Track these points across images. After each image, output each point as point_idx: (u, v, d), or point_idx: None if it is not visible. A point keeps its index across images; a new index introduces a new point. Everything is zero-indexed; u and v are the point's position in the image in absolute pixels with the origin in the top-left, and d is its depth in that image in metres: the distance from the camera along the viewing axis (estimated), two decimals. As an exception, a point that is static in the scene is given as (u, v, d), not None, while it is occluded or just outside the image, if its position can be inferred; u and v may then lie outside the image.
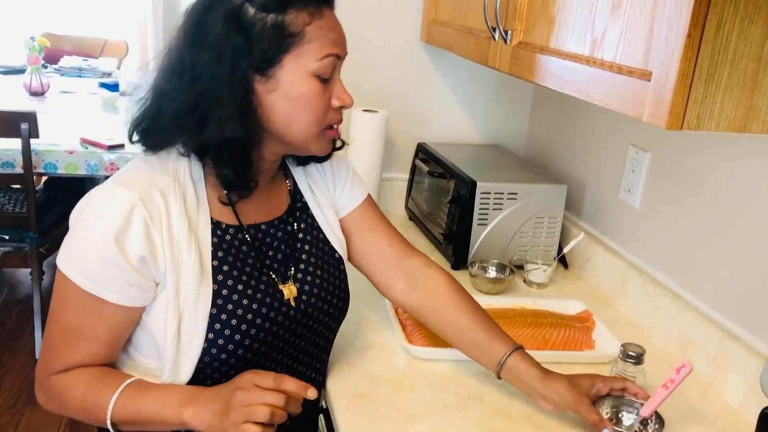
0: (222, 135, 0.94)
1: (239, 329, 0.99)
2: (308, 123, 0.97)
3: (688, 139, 1.41)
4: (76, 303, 0.96)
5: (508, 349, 1.13)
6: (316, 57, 0.94)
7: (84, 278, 0.94)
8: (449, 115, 2.06)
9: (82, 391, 0.97)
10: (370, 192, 1.41)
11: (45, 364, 1.00)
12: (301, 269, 1.09)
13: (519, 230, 1.69)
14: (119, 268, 0.92)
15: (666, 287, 1.44)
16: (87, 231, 0.94)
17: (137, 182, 0.95)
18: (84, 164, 2.71)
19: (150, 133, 1.00)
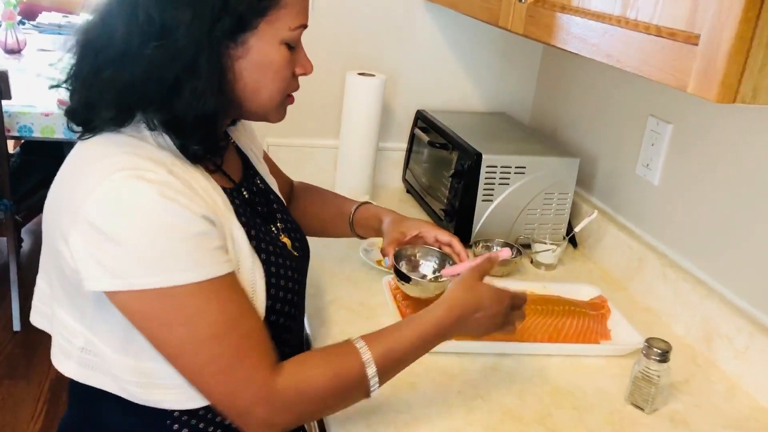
0: (197, 110, 0.83)
1: (286, 288, 0.94)
2: (274, 92, 0.92)
3: (715, 110, 1.28)
4: (203, 300, 0.79)
5: (355, 205, 1.26)
6: (290, 25, 0.89)
7: (190, 271, 0.78)
8: (451, 80, 1.92)
9: (331, 370, 0.85)
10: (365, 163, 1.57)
11: (249, 380, 0.81)
12: (281, 219, 1.06)
13: (526, 207, 1.56)
14: (205, 235, 0.80)
15: (687, 272, 1.33)
16: (148, 225, 0.77)
17: (144, 164, 0.79)
18: (62, 127, 2.56)
19: (104, 105, 0.82)
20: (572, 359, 1.19)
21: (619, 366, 1.18)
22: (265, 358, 0.83)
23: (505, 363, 1.16)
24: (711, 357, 1.24)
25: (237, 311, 0.82)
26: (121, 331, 0.83)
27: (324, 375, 0.85)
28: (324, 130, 1.87)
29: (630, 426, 1.04)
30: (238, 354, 0.81)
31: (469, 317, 0.98)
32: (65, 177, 0.85)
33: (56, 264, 0.85)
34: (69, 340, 0.88)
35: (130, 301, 0.79)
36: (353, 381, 0.87)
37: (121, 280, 0.77)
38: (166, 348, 0.81)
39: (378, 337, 0.91)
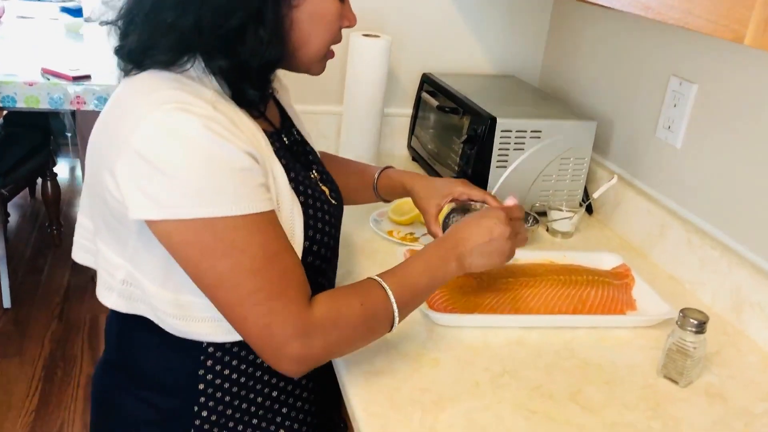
0: (263, 57, 0.85)
1: (324, 231, 0.95)
2: (323, 43, 0.93)
3: (746, 68, 1.21)
4: (246, 234, 0.80)
5: (376, 171, 1.25)
6: None
7: (234, 204, 0.79)
8: (457, 41, 1.83)
9: (358, 299, 0.88)
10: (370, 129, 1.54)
11: (287, 313, 0.82)
12: (317, 170, 1.06)
13: (542, 173, 1.50)
14: (250, 170, 0.81)
15: (715, 238, 1.27)
16: (194, 155, 0.78)
17: (189, 99, 0.80)
18: (46, 97, 2.46)
19: (162, 48, 0.83)
20: (599, 331, 1.14)
21: (648, 337, 1.13)
22: (303, 293, 0.84)
23: (530, 336, 1.11)
24: (740, 327, 1.19)
25: (276, 247, 0.83)
26: (161, 263, 0.84)
27: (353, 304, 0.88)
28: (327, 95, 1.79)
29: (666, 400, 0.99)
30: (276, 288, 0.82)
31: (469, 242, 0.99)
32: (112, 111, 0.86)
33: (101, 197, 0.85)
34: (111, 273, 0.90)
35: (173, 232, 0.80)
36: (380, 312, 0.90)
37: (166, 210, 0.78)
38: (205, 280, 0.81)
39: (390, 273, 0.94)
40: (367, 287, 0.91)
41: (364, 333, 0.91)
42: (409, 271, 0.95)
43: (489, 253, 0.99)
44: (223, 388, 0.93)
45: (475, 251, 0.98)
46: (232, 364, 0.92)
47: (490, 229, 0.99)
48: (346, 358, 1.01)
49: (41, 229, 3.44)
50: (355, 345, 0.92)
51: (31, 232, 3.43)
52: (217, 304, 0.83)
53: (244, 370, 0.93)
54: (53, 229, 3.25)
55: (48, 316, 2.79)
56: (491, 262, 1.01)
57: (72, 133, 3.93)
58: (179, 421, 0.93)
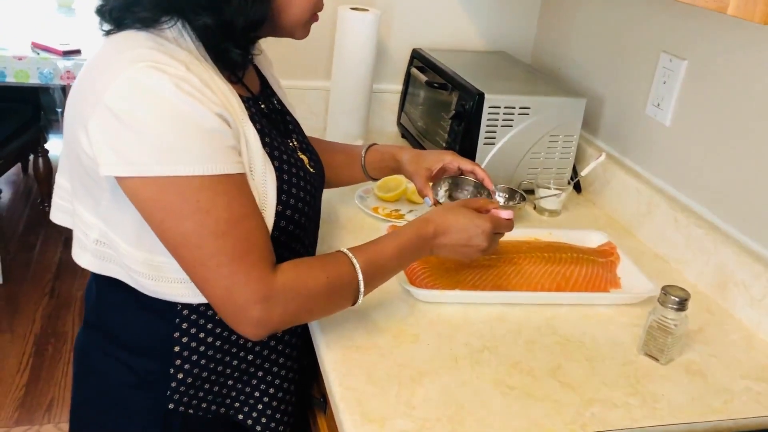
0: (248, 15, 0.86)
1: (298, 197, 0.95)
2: (305, 7, 0.93)
3: (735, 44, 1.20)
4: (212, 194, 0.80)
5: (363, 148, 1.25)
6: None
7: (201, 164, 0.79)
8: (447, 16, 1.81)
9: (324, 273, 0.89)
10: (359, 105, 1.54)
11: (248, 277, 0.82)
12: (298, 139, 1.06)
13: (530, 150, 1.49)
14: (219, 132, 0.82)
15: (701, 216, 1.26)
16: (164, 114, 0.78)
17: (163, 59, 0.80)
18: (36, 72, 2.44)
19: (144, 6, 0.84)
20: (581, 308, 1.13)
21: (630, 315, 1.13)
22: (265, 258, 0.84)
23: (511, 313, 1.10)
24: (725, 305, 1.18)
25: (242, 211, 0.83)
26: (134, 223, 0.85)
27: (318, 275, 0.88)
28: (314, 70, 1.77)
29: (645, 377, 0.99)
30: (239, 251, 0.82)
31: (446, 237, 1.00)
32: (88, 70, 0.86)
33: (77, 155, 0.85)
34: (85, 233, 0.90)
35: (140, 188, 0.80)
36: (344, 283, 0.91)
37: (134, 166, 0.78)
38: (170, 239, 0.82)
39: (362, 248, 0.95)
40: (336, 260, 0.92)
41: (326, 304, 0.92)
42: (381, 249, 0.96)
43: (459, 253, 1.03)
44: (199, 351, 0.93)
45: (447, 248, 1.01)
46: (207, 327, 0.93)
47: (470, 236, 1.01)
48: (326, 332, 1.00)
49: (33, 205, 3.43)
50: (316, 315, 0.94)
51: (23, 209, 3.42)
52: (181, 263, 0.83)
53: (219, 333, 0.93)
54: (45, 205, 3.24)
55: (39, 293, 2.79)
56: (455, 258, 1.08)
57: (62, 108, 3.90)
58: (156, 384, 0.93)
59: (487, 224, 1.01)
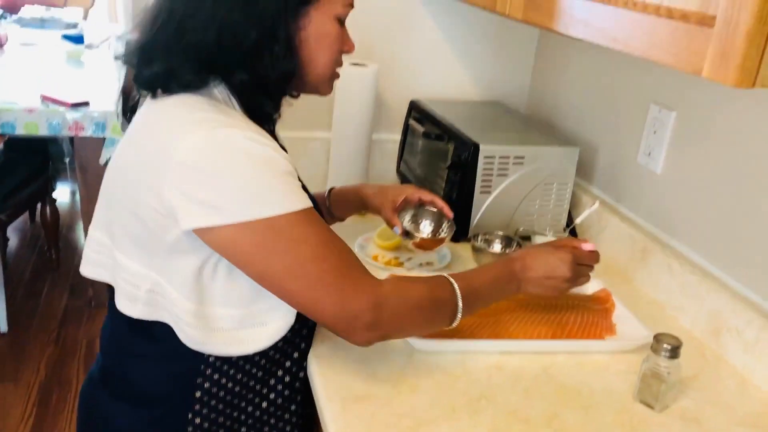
0: (279, 70, 0.93)
1: None
2: (327, 62, 1.00)
3: (721, 96, 1.24)
4: (304, 226, 0.88)
5: (326, 192, 1.33)
6: (344, 2, 0.99)
7: (288, 203, 0.86)
8: (444, 68, 1.87)
9: (426, 286, 0.96)
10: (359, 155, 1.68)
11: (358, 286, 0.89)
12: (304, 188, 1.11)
13: (525, 198, 1.52)
14: (293, 174, 0.90)
15: (694, 264, 1.29)
16: (244, 164, 0.84)
17: (226, 119, 0.87)
18: (45, 124, 2.50)
19: (186, 70, 0.90)
20: (577, 356, 1.15)
21: (626, 362, 1.14)
22: (365, 270, 0.92)
23: (509, 361, 1.12)
24: (719, 351, 1.20)
25: (330, 236, 0.91)
26: (190, 274, 0.90)
27: (420, 288, 0.96)
28: (316, 122, 1.82)
29: (640, 426, 1.00)
30: (342, 268, 0.89)
31: (532, 271, 1.07)
32: (144, 131, 0.92)
33: (131, 212, 0.90)
34: (136, 284, 0.94)
35: (234, 235, 0.84)
36: (444, 299, 0.98)
37: (226, 215, 0.83)
38: (273, 277, 0.87)
39: (460, 274, 1.03)
40: (437, 280, 0.99)
41: (428, 316, 0.98)
42: (478, 276, 1.04)
43: (545, 287, 1.09)
44: (219, 396, 0.97)
45: (534, 281, 1.08)
46: (230, 373, 0.98)
47: (554, 267, 1.08)
48: (325, 383, 1.02)
49: (40, 253, 3.46)
50: (420, 326, 1.00)
51: (30, 256, 3.45)
52: (288, 296, 0.89)
53: (240, 380, 0.99)
54: (52, 253, 3.27)
55: (45, 340, 2.80)
56: (543, 293, 1.10)
57: (70, 158, 3.97)
58: (172, 428, 0.96)
59: (567, 255, 1.08)
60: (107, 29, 3.92)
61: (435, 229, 1.35)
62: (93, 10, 4.35)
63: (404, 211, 1.32)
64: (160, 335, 0.94)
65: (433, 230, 1.35)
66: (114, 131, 2.47)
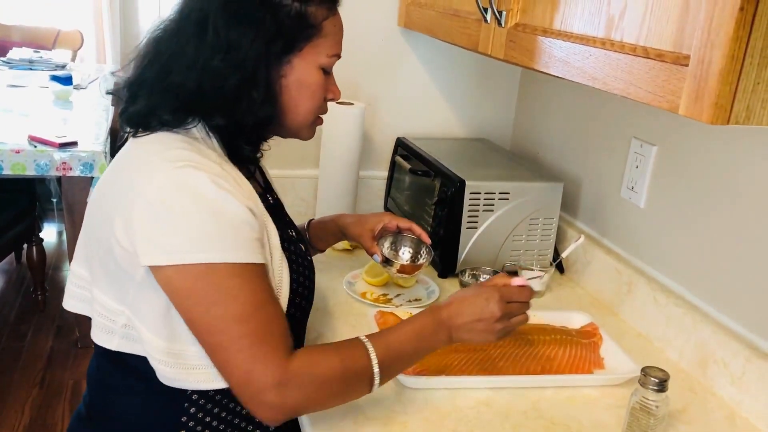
0: (257, 115, 0.95)
1: (305, 285, 1.04)
2: (308, 110, 1.02)
3: (700, 130, 1.27)
4: (240, 282, 0.87)
5: (305, 224, 1.36)
6: (328, 53, 1.00)
7: (233, 252, 0.87)
8: (429, 106, 1.90)
9: (338, 357, 0.92)
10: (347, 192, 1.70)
11: (267, 362, 0.87)
12: (295, 230, 1.15)
13: (512, 233, 1.54)
14: (249, 225, 0.90)
15: (679, 296, 1.30)
16: (201, 207, 0.86)
17: (198, 158, 0.90)
18: (33, 164, 2.50)
19: (166, 109, 0.94)
20: (566, 390, 1.15)
21: (615, 396, 1.14)
22: (285, 344, 0.89)
23: (498, 398, 1.12)
24: (707, 383, 1.20)
25: (264, 298, 0.90)
26: (160, 312, 0.90)
27: (333, 362, 0.91)
28: (303, 160, 1.83)
29: (630, 460, 1.00)
30: (261, 336, 0.87)
31: (460, 317, 1.02)
32: (122, 166, 0.95)
33: (105, 247, 0.91)
34: (111, 319, 0.95)
35: (175, 277, 0.86)
36: (359, 371, 0.93)
37: (171, 255, 0.85)
38: (198, 324, 0.87)
39: (379, 334, 0.99)
40: (350, 346, 0.95)
41: (341, 389, 0.94)
42: (397, 335, 0.99)
43: (477, 330, 1.03)
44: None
45: (464, 327, 1.02)
46: (214, 411, 0.97)
47: (482, 309, 1.02)
48: (313, 422, 1.01)
49: (26, 294, 3.43)
50: (332, 401, 0.95)
51: (15, 298, 3.41)
52: (206, 347, 0.88)
53: (224, 418, 0.98)
54: (38, 294, 3.24)
55: (29, 383, 2.76)
56: (479, 339, 1.04)
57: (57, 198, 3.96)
58: None
59: (494, 294, 1.03)
60: (95, 70, 3.95)
61: (414, 255, 1.37)
62: (81, 51, 4.39)
63: (383, 238, 1.33)
64: (144, 370, 0.94)
65: (412, 256, 1.37)
66: (102, 171, 2.47)
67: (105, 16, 4.34)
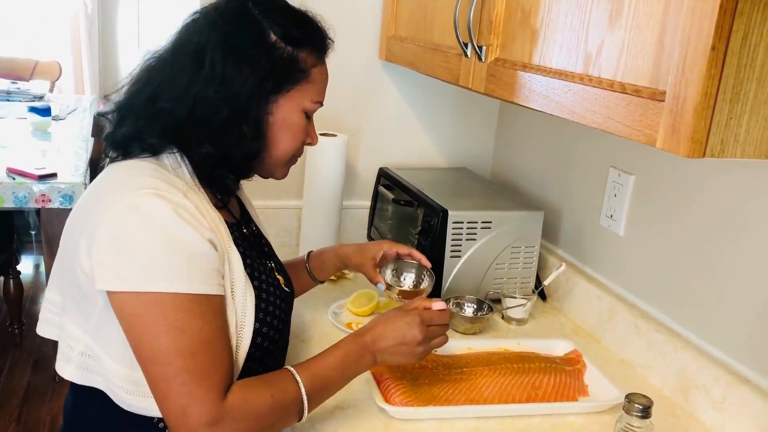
0: (244, 149, 0.98)
1: (274, 315, 1.04)
2: (286, 150, 1.04)
3: (676, 160, 1.30)
4: (189, 315, 0.87)
5: (304, 256, 1.37)
6: (312, 98, 1.03)
7: (185, 283, 0.87)
8: (411, 137, 1.93)
9: (269, 392, 0.93)
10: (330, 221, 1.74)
11: (203, 399, 0.87)
12: (274, 260, 1.17)
13: (494, 262, 1.55)
14: (206, 256, 0.90)
15: (659, 322, 1.32)
16: (158, 235, 0.87)
17: (164, 186, 0.91)
18: (11, 196, 2.48)
19: (152, 134, 0.96)
20: (552, 418, 1.16)
21: (600, 422, 1.16)
22: (224, 382, 0.90)
23: (486, 427, 1.12)
24: (689, 408, 1.22)
25: (214, 334, 0.90)
26: (121, 340, 0.90)
27: (263, 395, 0.93)
28: (287, 191, 1.84)
29: (617, 487, 1.01)
30: (202, 372, 0.88)
31: (383, 341, 1.04)
32: (92, 194, 0.96)
33: (72, 272, 0.93)
34: (71, 346, 0.96)
35: (127, 303, 0.87)
36: (289, 403, 0.95)
37: (124, 282, 0.86)
38: (143, 353, 0.88)
39: (306, 363, 1.01)
40: (280, 379, 0.97)
41: (273, 421, 0.95)
42: (324, 363, 1.01)
43: (400, 353, 1.05)
44: None
45: (387, 350, 1.04)
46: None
47: (403, 332, 1.04)
48: (302, 455, 1.01)
49: (2, 327, 3.37)
50: (267, 428, 0.96)
51: (-9, 331, 3.35)
52: (148, 376, 0.89)
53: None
54: (14, 328, 3.19)
55: (6, 419, 2.70)
56: (402, 361, 1.07)
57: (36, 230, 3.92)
58: None
59: (415, 318, 1.05)
60: (74, 101, 3.94)
61: (416, 281, 1.36)
62: (59, 81, 4.38)
63: (384, 266, 1.34)
64: (109, 399, 0.94)
65: (415, 282, 1.36)
66: (82, 203, 2.46)
67: (83, 46, 4.35)
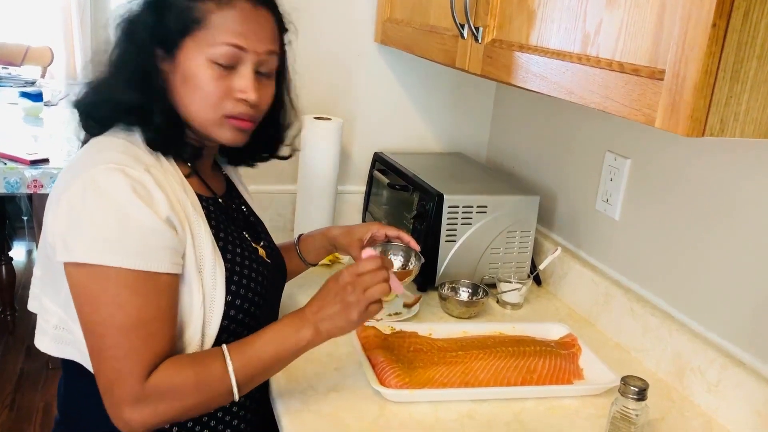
0: (160, 110, 0.97)
1: (249, 287, 1.03)
2: (200, 106, 0.98)
3: (673, 144, 1.30)
4: (130, 292, 0.88)
5: (295, 238, 1.38)
6: (211, 43, 0.96)
7: (131, 258, 0.87)
8: (406, 121, 1.91)
9: (193, 371, 0.92)
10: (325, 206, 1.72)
11: (127, 377, 0.88)
12: (257, 233, 1.17)
13: (489, 246, 1.55)
14: (160, 233, 0.90)
15: (655, 306, 1.32)
16: (110, 210, 0.88)
17: (129, 161, 0.92)
18: (3, 182, 2.46)
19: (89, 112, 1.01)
20: (547, 401, 1.16)
21: (595, 406, 1.16)
22: (155, 360, 0.90)
23: (480, 409, 1.12)
24: (684, 392, 1.22)
25: (153, 314, 0.90)
26: None
27: (188, 375, 0.92)
28: (282, 175, 1.83)
29: (612, 469, 1.01)
30: (135, 350, 0.88)
31: (323, 310, 0.99)
32: (67, 168, 0.98)
33: (45, 250, 0.95)
34: (46, 319, 0.98)
35: (73, 274, 0.89)
36: (214, 382, 0.93)
37: (71, 253, 0.88)
38: (84, 323, 0.90)
39: (239, 344, 0.97)
40: (209, 356, 0.95)
41: (197, 401, 0.93)
42: (256, 341, 0.97)
43: (337, 314, 0.98)
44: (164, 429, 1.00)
45: (325, 314, 0.98)
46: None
47: (336, 292, 0.99)
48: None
49: (-6, 314, 3.35)
50: (189, 412, 0.95)
51: (-17, 318, 3.34)
52: (87, 345, 0.91)
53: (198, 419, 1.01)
54: (7, 314, 3.17)
55: (-2, 406, 2.70)
56: (342, 323, 0.99)
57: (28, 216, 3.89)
58: None
59: (342, 271, 1.00)
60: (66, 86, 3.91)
61: (404, 263, 1.36)
62: (51, 67, 4.34)
63: (372, 248, 1.31)
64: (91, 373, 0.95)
65: (403, 264, 1.36)
66: (74, 188, 2.44)
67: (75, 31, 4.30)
